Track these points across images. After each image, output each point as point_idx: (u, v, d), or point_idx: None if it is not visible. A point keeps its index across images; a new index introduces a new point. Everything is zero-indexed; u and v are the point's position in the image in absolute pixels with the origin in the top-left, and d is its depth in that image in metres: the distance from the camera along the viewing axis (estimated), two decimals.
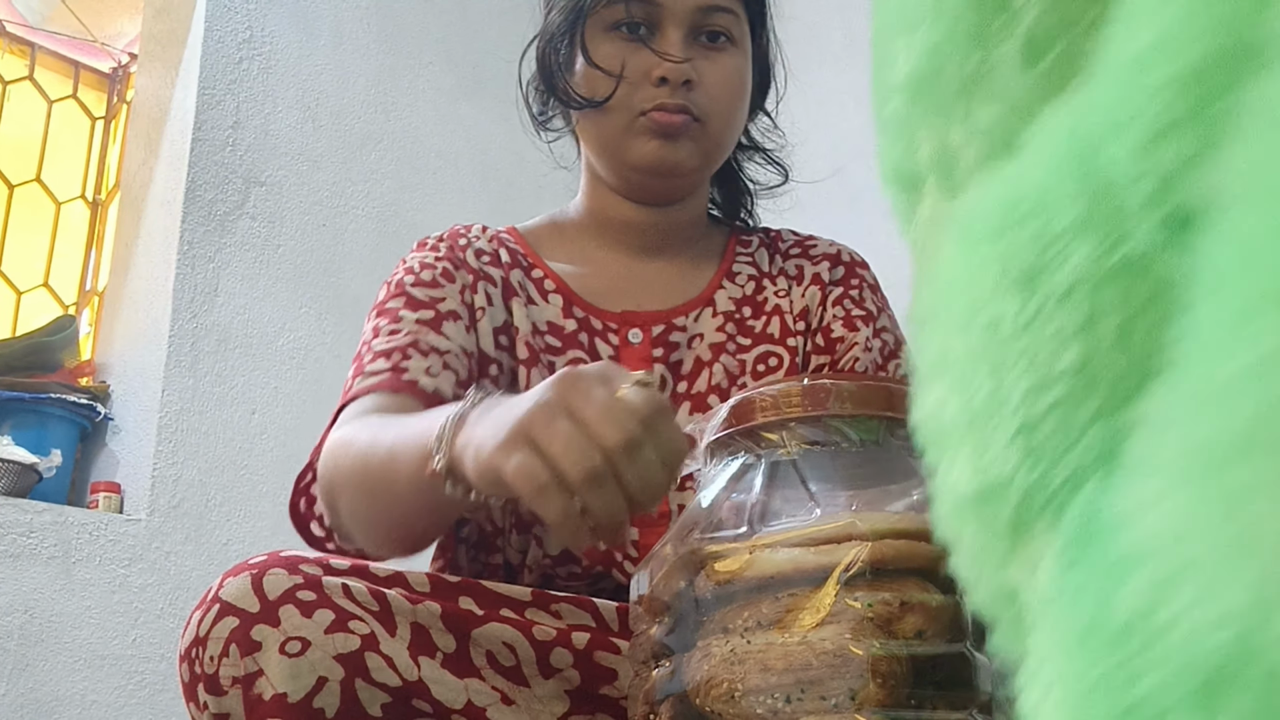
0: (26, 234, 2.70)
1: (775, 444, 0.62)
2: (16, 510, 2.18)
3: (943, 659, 0.56)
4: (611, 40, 1.06)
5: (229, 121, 2.64)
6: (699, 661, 0.59)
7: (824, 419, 0.62)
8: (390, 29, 3.00)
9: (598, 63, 1.05)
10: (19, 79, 2.79)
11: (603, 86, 1.05)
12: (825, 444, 0.62)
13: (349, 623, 0.67)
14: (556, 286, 1.12)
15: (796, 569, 0.58)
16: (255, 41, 2.73)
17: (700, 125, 1.06)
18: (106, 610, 2.24)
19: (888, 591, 0.56)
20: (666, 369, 1.10)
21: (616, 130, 1.07)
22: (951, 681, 0.56)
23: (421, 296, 1.05)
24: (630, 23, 1.05)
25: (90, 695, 2.19)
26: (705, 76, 1.06)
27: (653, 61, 1.04)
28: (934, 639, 0.56)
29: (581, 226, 1.17)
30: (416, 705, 0.67)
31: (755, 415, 0.63)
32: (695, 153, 1.07)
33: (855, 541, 0.57)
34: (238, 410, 2.51)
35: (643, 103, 1.05)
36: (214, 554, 2.39)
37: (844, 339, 1.12)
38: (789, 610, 0.57)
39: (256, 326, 2.58)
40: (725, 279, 1.16)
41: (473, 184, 3.01)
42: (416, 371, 0.96)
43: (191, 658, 0.67)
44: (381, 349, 0.99)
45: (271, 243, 2.65)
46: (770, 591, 0.58)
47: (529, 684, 0.70)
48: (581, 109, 1.08)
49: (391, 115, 2.95)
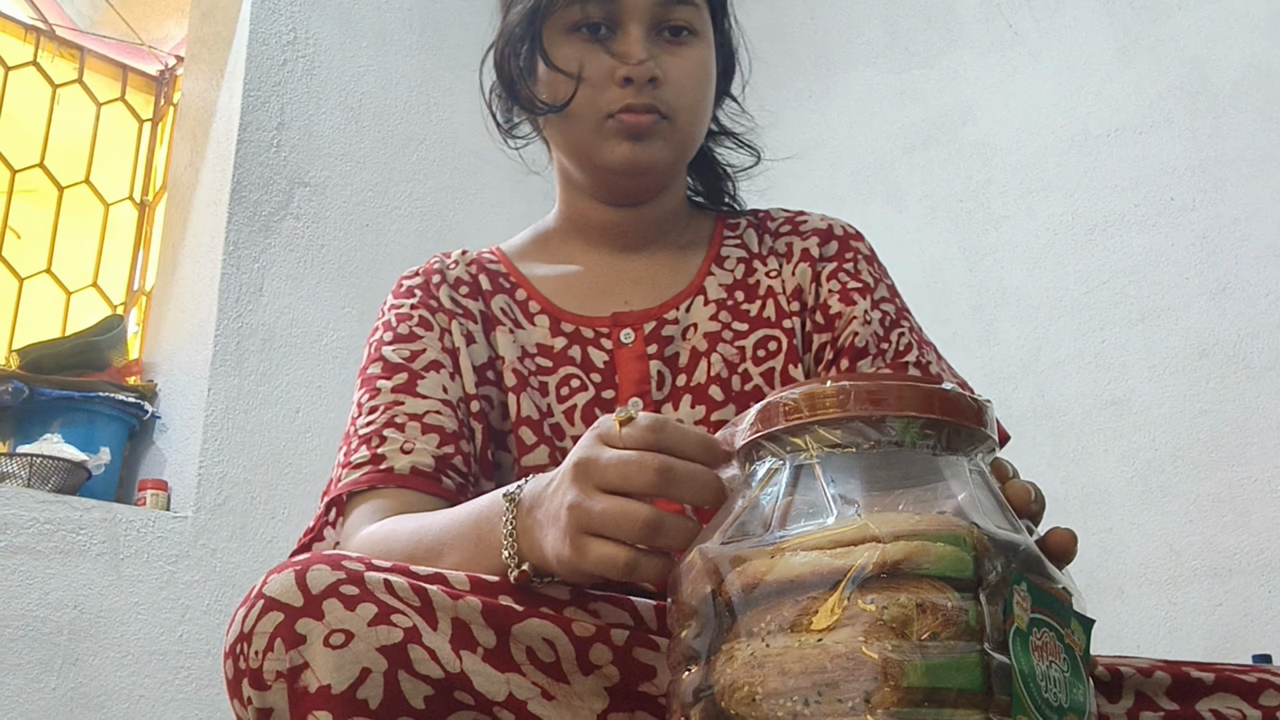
0: (76, 235, 2.75)
1: (799, 447, 0.63)
2: (66, 507, 2.22)
3: (961, 662, 0.56)
4: (571, 42, 1.04)
5: (273, 123, 2.67)
6: (723, 665, 0.60)
7: (847, 421, 0.62)
8: (432, 31, 3.02)
9: (558, 65, 1.04)
10: (68, 82, 2.83)
11: (564, 90, 1.04)
12: (848, 446, 0.62)
13: (391, 616, 0.67)
14: (542, 306, 1.11)
15: (814, 572, 0.58)
16: (299, 44, 2.76)
17: (669, 122, 1.05)
18: (154, 606, 2.27)
19: (903, 593, 0.56)
20: (663, 364, 1.08)
21: (585, 134, 1.06)
22: (969, 684, 0.56)
23: (396, 359, 1.06)
24: (589, 24, 1.04)
25: (138, 690, 2.22)
26: (670, 72, 1.04)
27: (615, 62, 1.03)
28: (949, 641, 0.56)
29: (564, 233, 1.17)
30: (459, 697, 0.67)
31: (779, 419, 0.64)
32: (666, 150, 1.06)
33: (870, 544, 0.57)
34: (282, 409, 2.53)
35: (609, 104, 1.04)
36: (259, 551, 2.41)
37: (842, 314, 1.09)
38: (806, 613, 0.57)
39: (300, 326, 2.61)
40: (714, 265, 1.14)
41: (512, 184, 3.02)
42: (392, 453, 1.00)
43: (236, 653, 0.68)
44: (363, 432, 1.03)
45: (315, 243, 2.67)
46: (790, 595, 0.58)
47: (568, 680, 0.71)
48: (545, 114, 1.07)
49: (433, 116, 2.97)
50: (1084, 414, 2.44)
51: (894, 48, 2.98)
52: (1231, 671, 0.82)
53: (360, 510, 0.99)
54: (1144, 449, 2.34)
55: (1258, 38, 2.38)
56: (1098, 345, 2.46)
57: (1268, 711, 0.79)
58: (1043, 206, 2.62)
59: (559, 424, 1.06)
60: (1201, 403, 2.29)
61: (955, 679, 0.55)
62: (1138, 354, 2.40)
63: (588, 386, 1.07)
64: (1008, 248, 2.65)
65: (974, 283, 2.68)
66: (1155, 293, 2.41)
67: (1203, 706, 0.79)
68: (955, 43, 2.87)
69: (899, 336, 1.10)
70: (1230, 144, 2.37)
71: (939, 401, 0.62)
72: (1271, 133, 2.32)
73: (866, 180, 2.91)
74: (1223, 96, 2.40)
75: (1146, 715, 0.78)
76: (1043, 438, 2.47)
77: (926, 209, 2.82)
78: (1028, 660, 0.57)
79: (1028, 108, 2.69)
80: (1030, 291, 2.59)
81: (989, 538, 0.58)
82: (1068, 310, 2.52)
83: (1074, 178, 2.58)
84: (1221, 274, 2.33)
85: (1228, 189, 2.35)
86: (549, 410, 1.06)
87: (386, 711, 0.65)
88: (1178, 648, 2.14)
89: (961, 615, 0.56)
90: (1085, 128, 2.58)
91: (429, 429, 1.01)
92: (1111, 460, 2.38)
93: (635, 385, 1.07)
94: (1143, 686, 0.80)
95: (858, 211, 2.71)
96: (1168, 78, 2.49)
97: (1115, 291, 2.46)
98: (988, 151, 2.74)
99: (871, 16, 3.01)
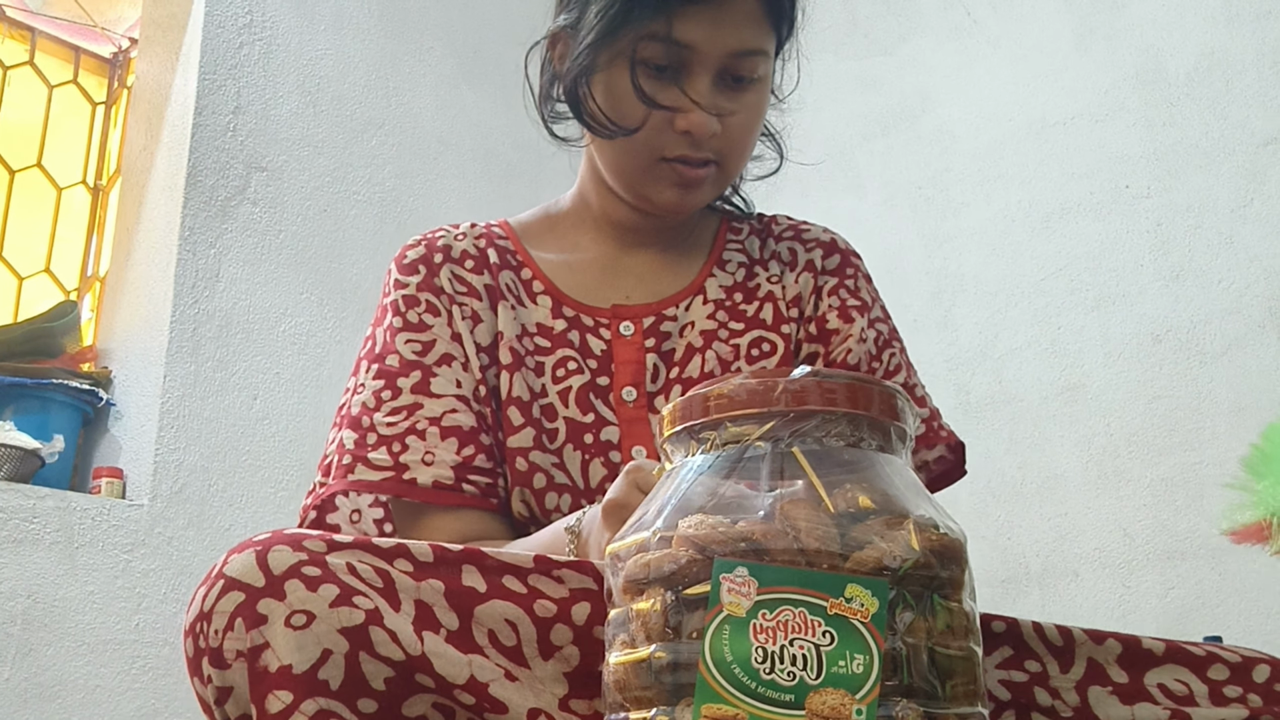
0: (28, 219, 2.70)
1: (713, 441, 0.65)
2: (19, 496, 2.19)
3: (635, 664, 0.62)
4: (638, 72, 1.02)
5: (230, 107, 2.64)
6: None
7: (764, 416, 0.64)
8: (391, 14, 3.00)
9: (625, 96, 1.03)
10: (19, 64, 2.78)
11: (627, 120, 1.03)
12: (774, 440, 0.64)
13: (353, 598, 0.67)
14: (545, 288, 1.13)
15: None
16: (255, 26, 2.73)
17: (719, 168, 1.07)
18: (109, 595, 2.25)
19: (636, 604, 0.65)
20: (659, 358, 1.10)
21: (637, 167, 1.07)
22: (641, 683, 0.62)
23: (410, 354, 1.08)
24: (658, 64, 1.02)
25: (93, 680, 2.20)
26: (730, 121, 1.05)
27: (679, 107, 1.02)
28: (640, 646, 0.63)
29: (576, 219, 1.18)
30: (419, 680, 0.67)
31: (696, 414, 0.66)
32: (712, 192, 1.10)
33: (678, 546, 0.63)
34: (239, 396, 2.51)
35: (666, 148, 1.04)
36: (216, 539, 2.39)
37: (839, 331, 1.12)
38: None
39: (258, 312, 2.58)
40: (716, 267, 1.17)
41: (473, 169, 3.01)
42: (415, 464, 1.03)
43: (196, 632, 0.68)
44: (385, 433, 1.04)
45: (273, 228, 2.65)
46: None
47: (529, 665, 0.71)
48: (609, 137, 1.06)
49: (392, 100, 2.95)
50: (1040, 399, 2.47)
51: (854, 35, 2.99)
52: (1182, 644, 0.83)
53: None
54: (1099, 434, 2.37)
55: (1211, 27, 2.41)
56: (1054, 331, 2.49)
57: (1215, 685, 0.81)
58: (1000, 194, 2.64)
59: (551, 404, 1.08)
60: (1155, 388, 2.33)
61: (630, 680, 0.62)
62: (1093, 340, 2.43)
63: (584, 370, 1.10)
64: (965, 234, 2.67)
65: (932, 269, 2.70)
66: (1110, 279, 2.43)
67: (1151, 679, 0.80)
68: (914, 30, 2.88)
69: (890, 356, 1.14)
70: (1184, 132, 2.40)
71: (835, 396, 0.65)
72: (1224, 121, 2.36)
73: (827, 167, 2.93)
74: (1177, 85, 2.43)
75: (1095, 689, 0.79)
76: (1000, 423, 2.49)
77: (886, 195, 2.83)
78: (740, 645, 0.58)
79: (985, 96, 2.71)
80: (987, 278, 2.61)
81: (693, 540, 0.61)
82: (1024, 296, 2.55)
83: (1031, 165, 2.60)
84: (1175, 261, 2.36)
85: (1181, 177, 2.39)
86: (542, 391, 1.09)
87: (347, 692, 0.65)
88: (1131, 629, 2.16)
89: (655, 618, 0.62)
90: (1042, 116, 2.61)
91: (448, 432, 1.04)
92: (1067, 445, 2.41)
93: (631, 375, 1.10)
94: (1094, 653, 0.81)
95: (819, 198, 2.73)
96: (1123, 67, 2.51)
97: (1071, 278, 2.49)
98: (946, 139, 2.76)
99: (832, 3, 3.02)
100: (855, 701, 0.57)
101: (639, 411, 1.09)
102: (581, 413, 1.08)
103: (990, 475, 2.43)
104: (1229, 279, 2.29)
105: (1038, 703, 0.78)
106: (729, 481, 0.63)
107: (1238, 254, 2.29)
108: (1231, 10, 2.39)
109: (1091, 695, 0.79)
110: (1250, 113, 2.33)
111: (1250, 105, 2.33)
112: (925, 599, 0.61)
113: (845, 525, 0.60)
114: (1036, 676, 0.79)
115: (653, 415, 1.08)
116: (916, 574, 0.60)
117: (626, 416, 1.08)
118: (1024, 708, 0.78)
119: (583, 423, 1.07)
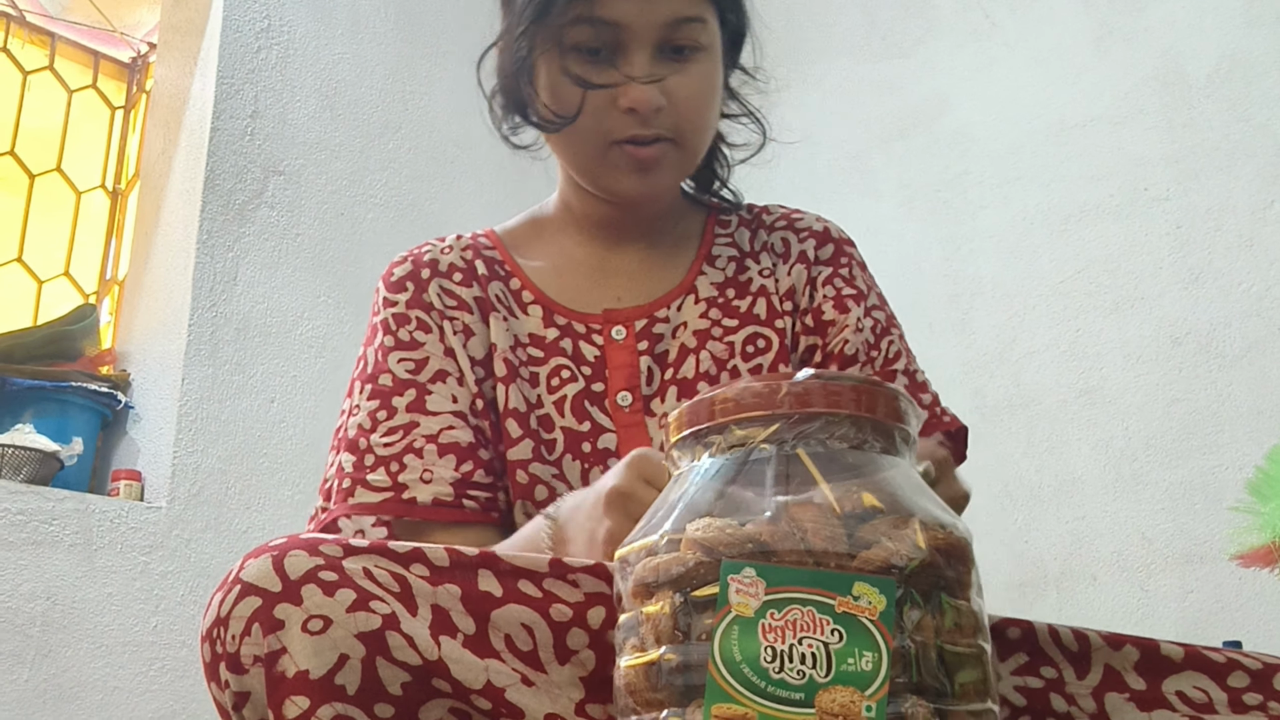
0: (47, 223, 2.72)
1: (719, 445, 0.65)
2: (39, 498, 2.20)
3: (640, 667, 0.62)
4: (574, 59, 1.01)
5: (248, 111, 2.65)
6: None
7: (769, 419, 0.64)
8: (407, 18, 3.00)
9: (559, 83, 1.02)
10: (39, 69, 2.80)
11: (567, 108, 1.02)
12: (778, 443, 0.64)
13: (370, 602, 0.67)
14: (535, 297, 1.12)
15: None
16: (273, 31, 2.74)
17: (675, 145, 1.04)
18: (127, 597, 2.26)
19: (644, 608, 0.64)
20: (653, 360, 1.09)
21: (590, 157, 1.05)
22: (641, 685, 0.62)
23: (403, 373, 1.07)
24: (590, 48, 1.01)
25: (111, 681, 2.21)
26: (676, 93, 1.02)
27: (613, 83, 1.00)
28: (651, 650, 0.62)
29: (560, 222, 1.17)
30: (436, 685, 0.67)
31: (701, 419, 0.66)
32: (674, 173, 1.07)
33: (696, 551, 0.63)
34: (257, 399, 2.52)
35: (613, 131, 1.02)
36: (233, 541, 2.40)
37: (835, 321, 1.10)
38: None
39: (275, 315, 2.59)
40: (705, 264, 1.15)
41: (489, 172, 3.01)
42: (414, 482, 1.02)
43: (213, 637, 0.68)
44: (383, 454, 1.04)
45: (290, 232, 2.66)
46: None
47: (545, 670, 0.71)
48: (550, 131, 1.05)
49: (409, 104, 2.96)
50: (1058, 402, 2.45)
51: (871, 37, 2.98)
52: (1201, 650, 0.82)
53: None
54: (1117, 437, 2.36)
55: (1231, 29, 2.40)
56: (1072, 334, 2.47)
57: (1234, 693, 0.79)
58: (1018, 196, 2.63)
59: (548, 415, 1.07)
60: (1174, 391, 2.31)
61: (641, 683, 0.62)
62: (1112, 343, 2.41)
63: (578, 378, 1.08)
64: (984, 237, 2.66)
65: (950, 272, 2.69)
66: (1129, 282, 2.42)
67: (1169, 686, 0.79)
68: (932, 33, 2.87)
69: (888, 344, 1.12)
70: (1204, 135, 2.39)
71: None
72: (1244, 124, 2.34)
73: (843, 170, 2.92)
74: (1197, 88, 2.42)
75: (1113, 696, 0.78)
76: (1017, 426, 2.48)
77: (903, 199, 2.82)
78: (749, 645, 0.58)
79: (1004, 98, 2.70)
80: (1006, 281, 2.60)
81: (700, 543, 0.61)
82: (1043, 299, 2.53)
83: (1050, 168, 2.59)
84: (1194, 263, 2.35)
85: (1201, 179, 2.37)
86: (538, 401, 1.07)
87: (364, 697, 0.65)
88: (1149, 633, 2.14)
89: (665, 621, 0.61)
90: (1061, 118, 2.60)
91: (445, 449, 1.03)
92: (1085, 448, 2.39)
93: (625, 380, 1.08)
94: (1112, 659, 0.80)
95: (835, 201, 2.72)
96: (1143, 69, 2.50)
97: (1090, 281, 2.48)
98: (964, 142, 2.75)
99: (849, 6, 3.01)
100: (865, 699, 0.57)
101: (635, 416, 1.07)
102: (578, 421, 1.07)
103: (1008, 479, 2.42)
104: (1249, 282, 2.27)
105: (1054, 709, 0.77)
106: (735, 484, 0.63)
107: (1258, 257, 2.27)
108: (1252, 12, 2.38)
109: (1109, 702, 0.78)
110: (1271, 115, 2.32)
111: (1271, 107, 2.32)
112: (933, 597, 0.61)
113: (852, 525, 0.60)
114: (1052, 683, 0.78)
115: (649, 419, 1.07)
116: (923, 573, 0.60)
117: (623, 422, 1.07)
118: (1040, 714, 0.77)
119: (580, 431, 1.06)
